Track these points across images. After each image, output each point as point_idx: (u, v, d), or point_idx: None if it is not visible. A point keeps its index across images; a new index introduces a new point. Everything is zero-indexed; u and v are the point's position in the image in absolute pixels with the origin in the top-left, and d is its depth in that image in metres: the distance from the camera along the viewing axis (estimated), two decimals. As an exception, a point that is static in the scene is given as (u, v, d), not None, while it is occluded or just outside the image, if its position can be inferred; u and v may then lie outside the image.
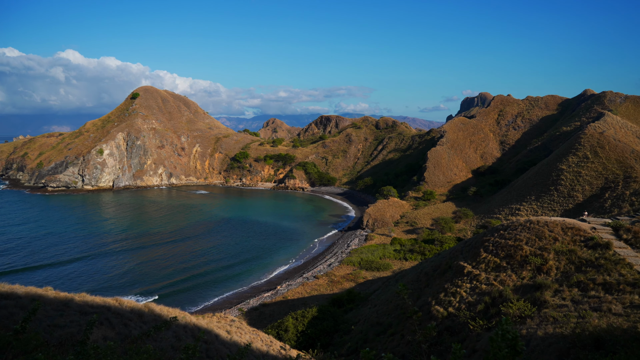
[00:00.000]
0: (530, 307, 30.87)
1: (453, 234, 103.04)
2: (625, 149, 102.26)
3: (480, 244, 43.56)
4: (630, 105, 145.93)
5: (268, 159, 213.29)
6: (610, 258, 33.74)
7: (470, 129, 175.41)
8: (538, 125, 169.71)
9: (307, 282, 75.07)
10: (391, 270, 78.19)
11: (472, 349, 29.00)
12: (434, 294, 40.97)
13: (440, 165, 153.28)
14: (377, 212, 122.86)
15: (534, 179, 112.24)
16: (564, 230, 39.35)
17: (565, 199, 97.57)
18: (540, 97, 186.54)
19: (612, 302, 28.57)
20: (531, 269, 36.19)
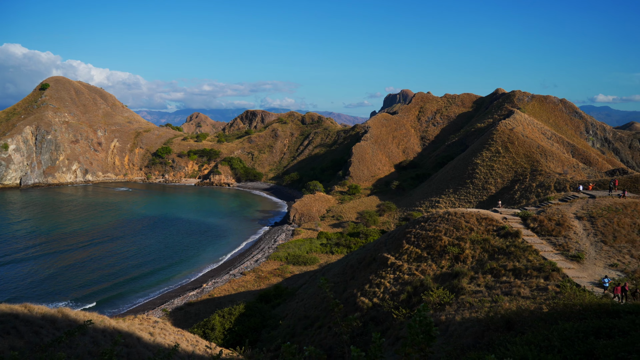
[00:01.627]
0: (449, 294, 32.53)
1: (377, 226, 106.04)
2: (532, 144, 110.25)
3: (403, 235, 45.21)
4: (536, 104, 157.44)
5: (192, 155, 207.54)
6: (520, 245, 36.33)
7: (393, 124, 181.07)
8: (455, 122, 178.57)
9: (234, 279, 74.12)
10: (318, 264, 79.10)
11: (395, 337, 30.09)
12: (359, 285, 42.00)
13: (365, 160, 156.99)
14: (304, 206, 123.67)
15: (451, 173, 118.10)
16: (479, 220, 41.80)
17: (480, 191, 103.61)
18: (457, 94, 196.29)
19: (521, 286, 30.79)
20: (450, 258, 38.13)
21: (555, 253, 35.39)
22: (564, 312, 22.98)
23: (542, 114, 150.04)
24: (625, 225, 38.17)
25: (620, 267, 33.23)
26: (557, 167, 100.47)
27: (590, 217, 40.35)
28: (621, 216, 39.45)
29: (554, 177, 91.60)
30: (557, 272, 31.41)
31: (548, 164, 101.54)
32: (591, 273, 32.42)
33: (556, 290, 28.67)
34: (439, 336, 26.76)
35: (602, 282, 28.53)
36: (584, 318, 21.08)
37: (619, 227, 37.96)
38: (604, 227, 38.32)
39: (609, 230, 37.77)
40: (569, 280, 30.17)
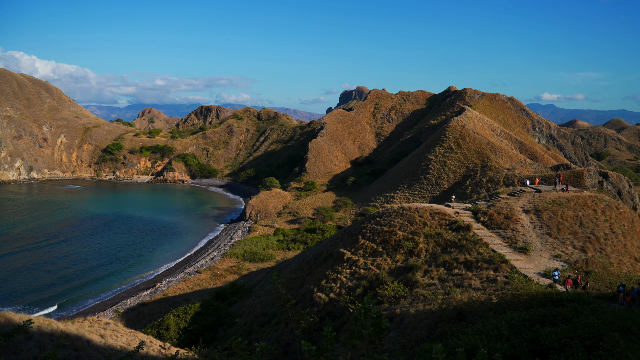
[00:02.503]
0: (404, 287, 33.19)
1: (334, 222, 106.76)
2: (482, 140, 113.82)
3: (359, 231, 45.71)
4: (486, 102, 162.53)
5: (144, 151, 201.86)
6: (471, 239, 37.47)
7: (348, 121, 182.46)
8: (409, 119, 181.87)
9: (189, 277, 72.81)
10: (275, 261, 78.85)
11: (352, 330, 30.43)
12: (316, 281, 42.17)
13: (321, 156, 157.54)
14: (260, 203, 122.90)
15: (406, 169, 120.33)
16: (432, 215, 42.80)
17: (433, 186, 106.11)
18: (411, 92, 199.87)
19: (472, 278, 31.79)
20: (404, 252, 38.87)
21: (504, 245, 36.73)
22: (512, 302, 23.89)
23: (492, 111, 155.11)
24: (568, 218, 40.06)
25: (563, 258, 34.86)
26: (506, 162, 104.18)
27: (536, 210, 42.09)
28: (564, 209, 41.36)
29: (503, 173, 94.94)
30: (506, 264, 32.62)
31: (497, 159, 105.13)
32: (537, 264, 33.85)
33: (505, 281, 29.76)
34: (395, 328, 27.25)
35: (552, 275, 29.59)
36: (531, 307, 21.99)
37: (562, 220, 39.80)
38: (549, 220, 40.07)
39: (553, 223, 39.52)
40: (516, 271, 31.39)
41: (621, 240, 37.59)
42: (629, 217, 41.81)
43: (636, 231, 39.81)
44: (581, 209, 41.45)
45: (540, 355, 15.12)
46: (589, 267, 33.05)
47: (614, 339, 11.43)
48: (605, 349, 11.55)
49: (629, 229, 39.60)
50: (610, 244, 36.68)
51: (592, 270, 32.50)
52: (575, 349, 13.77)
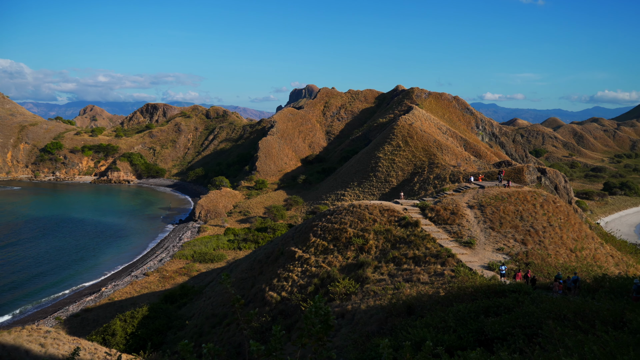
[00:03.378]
0: (355, 284, 33.61)
1: (285, 221, 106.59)
2: (429, 138, 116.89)
3: (310, 229, 45.85)
4: (432, 100, 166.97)
5: (87, 150, 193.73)
6: (419, 234, 38.41)
7: (299, 119, 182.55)
8: (359, 117, 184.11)
9: (136, 280, 70.62)
10: (226, 261, 77.84)
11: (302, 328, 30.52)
12: (267, 280, 41.97)
13: (272, 154, 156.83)
14: (210, 203, 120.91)
15: (356, 167, 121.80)
16: (382, 212, 43.54)
17: (383, 183, 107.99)
18: (360, 90, 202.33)
19: (421, 272, 32.62)
20: (355, 249, 39.35)
21: (450, 240, 37.90)
22: (459, 295, 24.68)
23: (438, 110, 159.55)
24: (510, 213, 41.85)
25: (506, 251, 36.40)
26: (451, 160, 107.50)
27: (480, 205, 43.69)
28: (506, 204, 43.17)
29: (449, 170, 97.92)
30: (452, 258, 33.67)
31: (444, 157, 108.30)
32: (481, 257, 35.17)
33: (451, 274, 30.72)
34: (346, 325, 27.55)
35: (500, 270, 30.43)
36: (476, 299, 22.81)
37: (504, 214, 41.53)
38: (492, 214, 41.71)
39: (496, 218, 41.17)
40: (462, 265, 32.47)
41: (558, 232, 39.67)
42: (564, 210, 44.16)
43: (571, 224, 42.13)
44: (521, 203, 43.39)
45: (484, 344, 15.71)
46: (529, 259, 34.67)
47: (551, 327, 12.05)
48: (544, 336, 12.15)
49: (565, 221, 41.85)
50: (548, 237, 38.64)
51: (532, 262, 34.12)
52: (517, 337, 14.41)
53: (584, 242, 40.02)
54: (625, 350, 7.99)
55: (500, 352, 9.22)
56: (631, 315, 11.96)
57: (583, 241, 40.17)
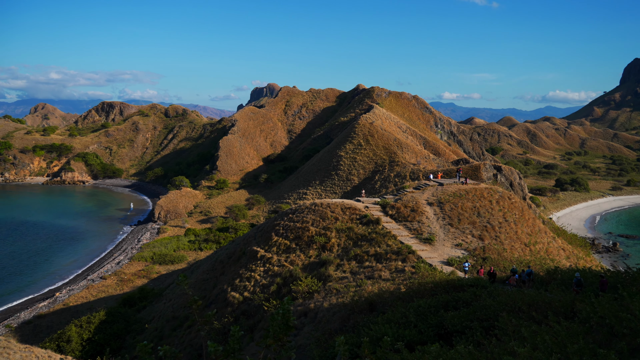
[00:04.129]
0: (317, 282, 33.71)
1: (247, 220, 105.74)
2: (389, 137, 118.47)
3: (272, 228, 45.67)
4: (392, 99, 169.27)
5: (38, 150, 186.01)
6: (380, 232, 38.88)
7: (260, 118, 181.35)
8: (320, 116, 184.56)
9: (93, 284, 68.45)
10: (186, 262, 76.54)
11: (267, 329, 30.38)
12: (229, 280, 41.54)
13: (233, 153, 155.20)
14: (170, 203, 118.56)
15: (318, 165, 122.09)
16: (343, 210, 43.84)
17: (344, 182, 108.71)
18: (321, 89, 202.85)
19: (382, 269, 33.03)
20: (317, 248, 39.46)
21: (411, 237, 38.56)
22: (419, 290, 25.15)
23: (398, 109, 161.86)
24: (468, 209, 42.95)
25: (464, 246, 37.34)
26: (411, 158, 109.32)
27: (439, 202, 44.64)
28: (464, 201, 44.28)
29: (409, 167, 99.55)
30: (413, 254, 34.27)
31: (404, 155, 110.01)
32: (441, 253, 35.95)
33: (412, 271, 31.26)
34: (309, 323, 27.59)
35: (463, 267, 30.99)
36: (435, 294, 23.29)
37: (462, 211, 42.58)
38: (451, 211, 42.69)
39: (454, 214, 42.17)
40: (422, 261, 33.10)
41: (513, 227, 41.01)
42: (519, 206, 45.70)
43: (525, 219, 43.64)
44: (478, 200, 44.61)
45: (444, 338, 16.07)
46: (486, 254, 35.69)
47: (506, 319, 12.44)
48: (500, 328, 12.54)
49: (520, 217, 43.31)
50: (504, 232, 39.89)
51: (489, 256, 35.14)
52: (475, 330, 14.82)
53: (537, 237, 41.53)
54: (575, 339, 8.33)
55: (458, 345, 9.45)
56: (581, 306, 12.48)
57: (536, 236, 41.68)
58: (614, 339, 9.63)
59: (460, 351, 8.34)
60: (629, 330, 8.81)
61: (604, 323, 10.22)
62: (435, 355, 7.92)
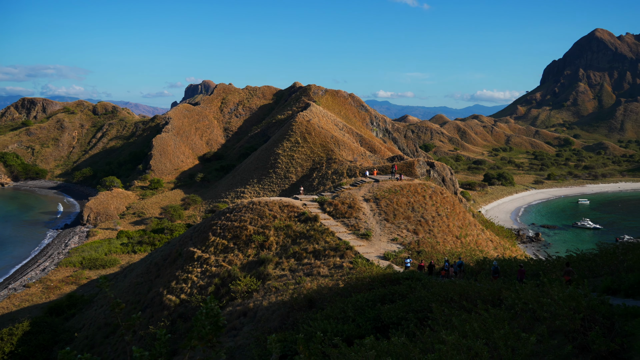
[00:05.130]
0: (256, 281, 33.45)
1: (183, 221, 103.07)
2: (326, 134, 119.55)
3: (209, 228, 44.79)
4: (329, 97, 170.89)
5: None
6: (318, 229, 39.17)
7: (195, 116, 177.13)
8: (257, 114, 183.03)
9: (15, 293, 64.09)
10: (119, 266, 73.49)
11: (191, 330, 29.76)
12: (165, 283, 40.32)
13: (167, 152, 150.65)
14: (100, 205, 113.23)
15: (255, 163, 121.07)
16: (282, 208, 43.76)
17: (282, 180, 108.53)
18: (258, 87, 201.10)
19: (321, 266, 33.30)
20: (256, 247, 39.14)
21: (348, 233, 39.14)
22: (357, 285, 25.59)
23: (335, 106, 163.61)
24: (402, 204, 44.20)
25: (399, 241, 38.39)
26: (348, 155, 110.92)
27: (375, 199, 45.61)
28: (399, 196, 45.52)
29: (346, 165, 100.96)
30: (351, 250, 34.81)
31: (341, 152, 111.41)
32: (377, 248, 36.76)
33: (350, 266, 31.75)
34: (249, 323, 27.34)
35: (405, 263, 31.59)
36: (373, 288, 23.80)
37: (397, 206, 43.76)
38: (386, 207, 43.75)
39: (390, 210, 43.25)
40: (360, 256, 33.70)
41: (445, 221, 42.67)
42: (451, 201, 47.61)
43: (457, 213, 45.54)
44: (413, 195, 46.02)
45: (381, 331, 16.45)
46: (420, 248, 36.91)
47: (438, 309, 12.92)
48: (433, 318, 13.01)
49: (451, 211, 45.13)
50: (437, 225, 41.42)
51: (423, 250, 36.37)
52: (410, 321, 15.28)
53: (467, 229, 43.48)
54: (501, 325, 8.79)
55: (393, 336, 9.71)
56: (507, 294, 13.20)
57: (467, 228, 43.64)
58: (536, 323, 10.26)
59: (394, 342, 8.57)
60: (549, 314, 9.42)
61: (527, 308, 10.87)
62: (370, 347, 8.09)
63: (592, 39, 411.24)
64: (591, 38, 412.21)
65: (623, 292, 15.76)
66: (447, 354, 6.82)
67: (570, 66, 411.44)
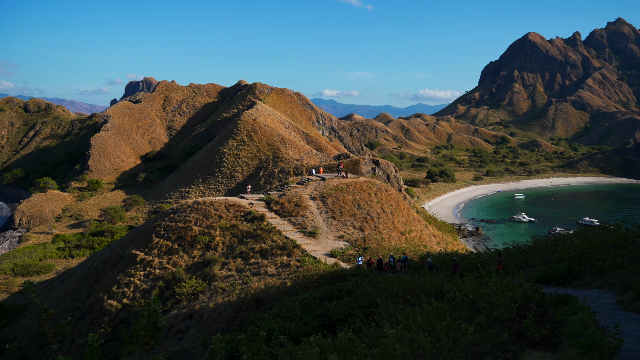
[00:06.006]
0: (202, 282, 32.83)
1: (124, 222, 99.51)
2: (273, 133, 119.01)
3: (152, 229, 43.49)
4: (275, 96, 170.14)
5: None
6: (265, 228, 38.94)
7: (136, 114, 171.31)
8: (202, 112, 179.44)
9: (-63, 304, 59.53)
10: (55, 272, 69.96)
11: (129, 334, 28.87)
12: (105, 288, 38.80)
13: (106, 152, 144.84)
14: (33, 208, 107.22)
15: (200, 163, 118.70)
16: (227, 207, 43.15)
17: (228, 179, 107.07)
18: (202, 84, 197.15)
19: (268, 265, 33.13)
20: (201, 247, 38.39)
21: (295, 231, 39.15)
22: (304, 283, 25.65)
23: (281, 105, 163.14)
24: (349, 202, 44.72)
25: (346, 238, 38.83)
26: (295, 153, 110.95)
27: (322, 197, 45.88)
28: (345, 194, 46.03)
29: (292, 163, 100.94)
30: (298, 249, 34.85)
31: (287, 151, 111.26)
32: (324, 246, 37.01)
33: (297, 264, 31.78)
34: (194, 325, 26.79)
35: (357, 261, 31.76)
36: (320, 285, 23.93)
37: (344, 204, 44.23)
38: (333, 204, 44.12)
39: (336, 207, 43.65)
40: (307, 254, 33.81)
41: (390, 218, 43.57)
42: (395, 197, 48.65)
43: (401, 209, 46.61)
44: (358, 193, 46.66)
45: (329, 328, 16.57)
46: (366, 244, 37.49)
47: (383, 304, 13.17)
48: (379, 313, 13.25)
49: (396, 208, 46.13)
50: (382, 222, 42.22)
51: (369, 246, 36.97)
52: (356, 317, 15.48)
53: (411, 225, 44.61)
54: (443, 317, 9.07)
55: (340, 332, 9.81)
56: (449, 286, 13.63)
57: (411, 224, 44.76)
58: (476, 313, 10.66)
59: (341, 338, 8.66)
60: (487, 305, 9.81)
61: (468, 300, 11.27)
62: (315, 344, 8.12)
63: (525, 41, 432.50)
64: (525, 41, 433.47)
65: (555, 281, 16.69)
66: (390, 348, 6.95)
67: (506, 67, 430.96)
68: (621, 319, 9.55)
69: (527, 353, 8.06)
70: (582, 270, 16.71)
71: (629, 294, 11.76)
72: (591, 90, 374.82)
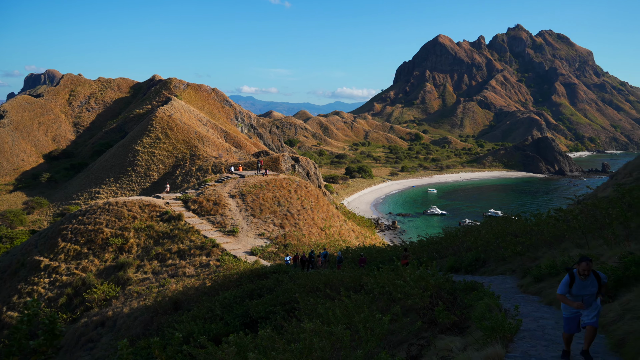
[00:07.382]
0: (115, 287, 31.22)
1: (26, 227, 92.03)
2: (189, 130, 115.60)
3: (58, 233, 40.64)
4: (191, 92, 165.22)
5: None
6: (183, 228, 37.79)
7: (38, 109, 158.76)
8: (112, 108, 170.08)
9: None
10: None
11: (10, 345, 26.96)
12: (4, 299, 35.69)
13: (3, 150, 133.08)
14: None
15: (111, 161, 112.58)
16: (142, 208, 41.34)
17: (143, 178, 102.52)
18: (112, 79, 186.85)
19: (186, 266, 32.20)
20: (113, 250, 36.47)
21: (214, 230, 38.37)
22: (225, 283, 25.23)
23: (198, 101, 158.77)
24: (269, 199, 44.57)
25: (266, 235, 38.68)
26: (213, 151, 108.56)
27: (241, 194, 45.34)
28: (265, 192, 45.83)
29: (211, 161, 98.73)
30: (217, 248, 34.20)
31: (205, 148, 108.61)
32: (245, 244, 36.62)
33: (217, 264, 31.19)
34: (107, 333, 25.46)
35: (285, 261, 31.50)
36: (241, 284, 23.65)
37: (263, 201, 44.02)
38: (253, 202, 43.76)
39: (256, 205, 43.34)
40: (227, 253, 33.27)
41: (310, 214, 44.02)
42: (315, 194, 49.21)
43: (321, 205, 47.24)
44: (278, 190, 46.65)
45: (250, 326, 16.43)
46: (287, 241, 37.60)
47: (303, 299, 13.28)
48: (299, 308, 13.33)
49: (316, 204, 46.68)
50: (302, 219, 42.54)
51: (290, 243, 37.11)
52: (278, 314, 15.48)
53: (331, 221, 45.37)
54: (361, 309, 9.32)
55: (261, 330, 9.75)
56: (366, 279, 14.03)
57: (331, 220, 45.52)
58: (392, 304, 11.06)
59: (260, 336, 8.62)
60: (402, 295, 10.22)
61: (385, 291, 11.68)
62: (233, 343, 8.03)
63: (436, 43, 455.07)
64: (435, 43, 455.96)
65: (464, 269, 17.75)
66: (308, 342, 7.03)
67: (419, 67, 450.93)
68: (520, 302, 10.37)
69: (439, 339, 8.51)
70: (487, 258, 17.93)
71: (528, 278, 12.81)
72: (494, 91, 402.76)
